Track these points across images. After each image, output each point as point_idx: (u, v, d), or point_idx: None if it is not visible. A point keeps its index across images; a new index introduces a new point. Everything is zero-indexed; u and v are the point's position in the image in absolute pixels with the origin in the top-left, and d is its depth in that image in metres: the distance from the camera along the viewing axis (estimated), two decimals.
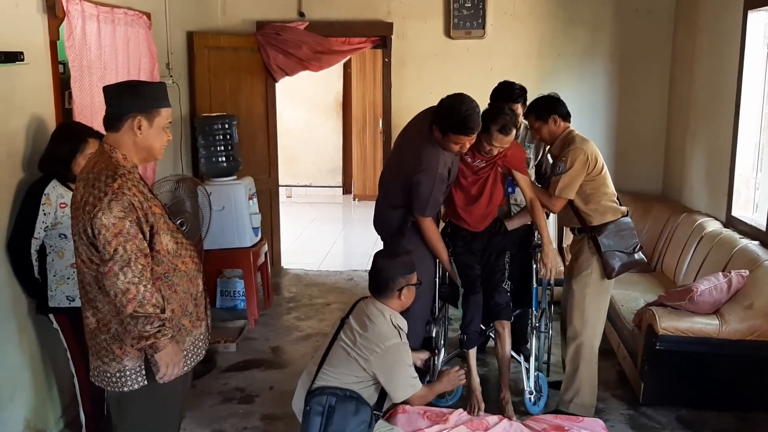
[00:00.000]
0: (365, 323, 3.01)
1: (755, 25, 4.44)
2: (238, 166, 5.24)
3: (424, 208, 3.57)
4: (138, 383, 2.47)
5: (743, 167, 4.59)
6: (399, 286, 3.07)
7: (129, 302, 2.29)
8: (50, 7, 3.53)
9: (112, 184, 2.29)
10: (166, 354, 2.40)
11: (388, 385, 2.98)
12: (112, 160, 2.38)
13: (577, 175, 3.60)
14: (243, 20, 6.08)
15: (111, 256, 2.28)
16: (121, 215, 2.28)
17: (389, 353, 2.96)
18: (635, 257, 3.73)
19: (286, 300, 5.84)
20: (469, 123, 3.36)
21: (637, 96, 6.00)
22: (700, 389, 3.85)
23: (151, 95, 2.45)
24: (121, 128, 2.40)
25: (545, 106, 3.73)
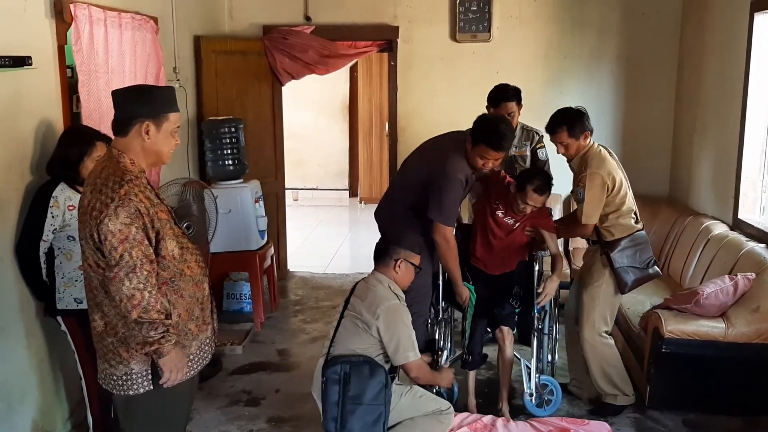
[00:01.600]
0: (365, 291, 3.10)
1: (762, 27, 4.43)
2: (245, 169, 5.26)
3: (442, 211, 3.57)
4: (144, 387, 2.48)
5: (750, 170, 4.58)
6: (397, 255, 3.16)
7: (134, 308, 2.31)
8: (58, 12, 3.55)
9: (119, 190, 2.31)
10: (171, 359, 2.42)
11: (389, 345, 3.02)
12: (119, 165, 2.39)
13: (598, 200, 3.62)
14: (250, 24, 6.11)
15: (117, 262, 2.29)
16: (128, 221, 2.29)
17: (389, 312, 3.03)
18: (649, 272, 3.76)
19: (292, 303, 5.86)
20: (502, 140, 3.49)
21: (644, 98, 6.00)
22: (707, 393, 3.84)
23: (160, 100, 2.47)
24: (129, 133, 2.42)
25: (577, 122, 3.67)
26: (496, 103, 4.18)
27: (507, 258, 3.96)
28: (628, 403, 3.86)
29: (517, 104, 4.19)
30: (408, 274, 3.21)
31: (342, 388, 2.94)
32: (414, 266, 3.23)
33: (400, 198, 3.84)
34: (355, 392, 2.93)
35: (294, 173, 9.23)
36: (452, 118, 4.37)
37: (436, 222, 3.60)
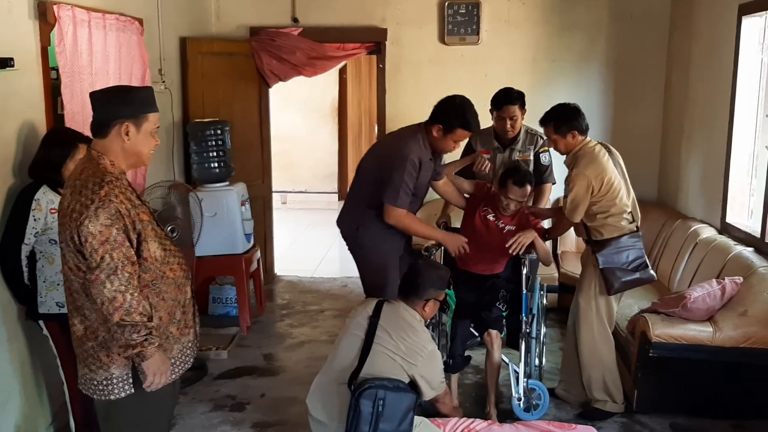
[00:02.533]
0: (403, 328, 3.04)
1: (749, 30, 4.44)
2: (231, 172, 5.23)
3: (396, 194, 3.56)
4: (125, 391, 2.45)
5: (738, 174, 4.59)
6: (428, 296, 3.12)
7: (116, 310, 2.28)
8: (42, 13, 3.51)
9: (99, 191, 2.28)
10: (153, 362, 2.38)
11: (425, 385, 3.04)
12: (99, 166, 2.37)
13: (581, 201, 3.63)
14: (237, 26, 6.08)
15: (98, 264, 2.27)
16: (108, 223, 2.27)
17: (432, 358, 3.05)
18: (637, 275, 3.73)
19: (279, 307, 5.82)
20: (476, 121, 3.60)
21: (632, 102, 6.00)
22: (695, 396, 3.84)
23: (139, 100, 2.44)
24: (109, 134, 2.39)
25: (565, 119, 3.70)
26: (499, 106, 4.18)
27: (493, 258, 3.97)
28: (617, 411, 3.85)
29: (520, 108, 4.20)
30: (433, 311, 3.20)
31: (375, 412, 2.86)
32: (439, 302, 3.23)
33: (357, 198, 3.80)
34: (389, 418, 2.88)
35: (283, 176, 9.19)
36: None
37: (386, 204, 3.59)
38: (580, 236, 3.96)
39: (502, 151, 4.29)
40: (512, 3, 5.95)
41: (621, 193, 3.70)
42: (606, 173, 3.64)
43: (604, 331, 3.81)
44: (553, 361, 4.57)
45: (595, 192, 3.62)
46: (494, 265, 4.01)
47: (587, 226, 3.74)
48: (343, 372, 2.99)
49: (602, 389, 3.83)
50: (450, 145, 3.63)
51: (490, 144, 4.32)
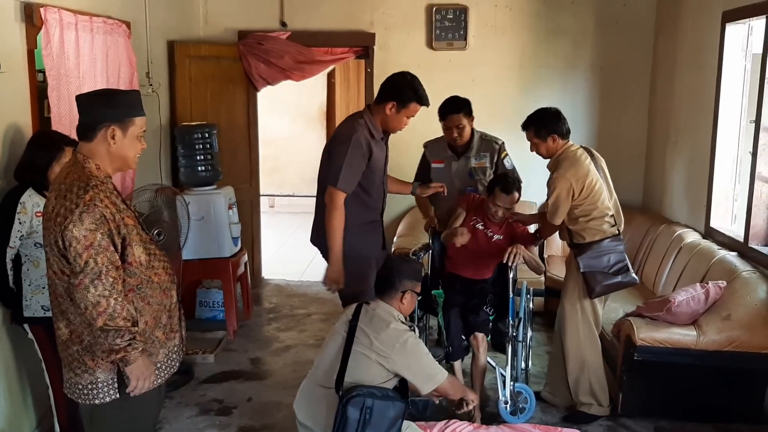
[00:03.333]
0: (378, 324, 3.00)
1: (733, 37, 4.49)
2: (218, 175, 5.22)
3: (337, 175, 3.49)
4: (110, 396, 2.44)
5: (722, 179, 4.63)
6: (404, 287, 3.08)
7: (99, 315, 2.27)
8: (28, 16, 3.50)
9: (84, 195, 2.27)
10: (137, 367, 2.38)
11: (414, 378, 2.97)
12: (85, 170, 2.36)
13: (561, 204, 3.66)
14: (225, 29, 6.07)
15: (82, 269, 2.26)
16: (93, 227, 2.26)
17: (407, 347, 2.96)
18: (619, 278, 3.74)
19: (266, 311, 5.81)
20: (426, 95, 3.60)
21: (618, 107, 6.05)
22: (679, 400, 3.86)
23: (125, 104, 2.44)
24: (95, 138, 2.38)
25: (545, 123, 3.71)
26: (444, 116, 4.11)
27: (482, 264, 4.01)
28: (602, 414, 3.87)
29: (466, 116, 4.10)
30: (412, 303, 3.17)
31: (362, 420, 2.84)
32: (417, 294, 3.19)
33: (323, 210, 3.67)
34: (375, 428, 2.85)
35: (270, 180, 9.18)
36: (428, 125, 4.35)
37: (328, 186, 3.53)
38: (564, 239, 3.97)
39: (456, 159, 4.24)
40: (499, 9, 5.98)
41: (603, 197, 3.72)
42: (587, 176, 3.66)
43: (590, 334, 3.83)
44: (540, 365, 4.59)
45: (576, 195, 3.64)
46: (483, 271, 4.05)
47: (569, 229, 3.77)
48: (327, 376, 2.99)
49: (588, 392, 3.86)
50: (402, 122, 3.62)
51: (444, 153, 4.27)
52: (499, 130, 4.48)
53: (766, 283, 3.87)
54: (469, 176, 4.22)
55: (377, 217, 3.83)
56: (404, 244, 5.38)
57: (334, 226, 3.55)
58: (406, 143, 4.87)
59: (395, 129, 3.68)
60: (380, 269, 3.23)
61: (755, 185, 4.10)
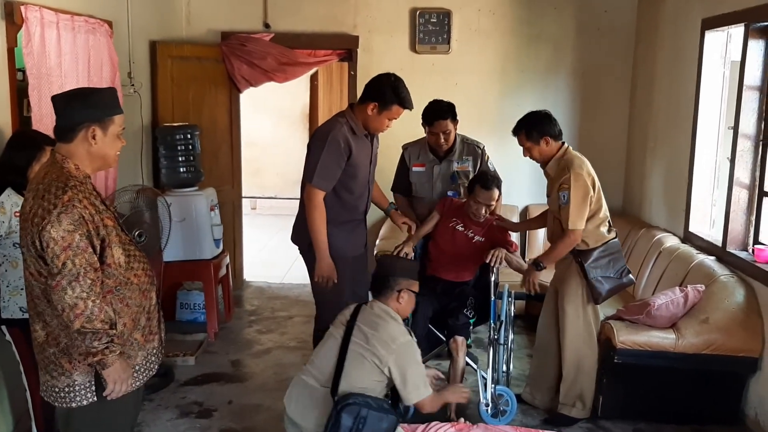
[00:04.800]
0: (375, 322, 2.98)
1: (712, 45, 4.55)
2: (200, 176, 5.20)
3: (312, 171, 3.54)
4: (87, 399, 2.41)
5: (701, 184, 4.69)
6: (399, 286, 3.06)
7: (77, 317, 2.24)
8: (8, 14, 3.47)
9: (62, 196, 2.24)
10: (114, 370, 2.35)
11: (402, 384, 2.93)
12: (63, 170, 2.32)
13: (583, 202, 3.56)
14: (208, 30, 6.04)
15: (59, 270, 2.22)
16: (71, 228, 2.23)
17: (402, 350, 2.94)
18: (623, 280, 3.77)
19: (247, 313, 5.79)
20: (409, 96, 3.57)
21: (598, 112, 6.10)
22: (658, 402, 3.90)
23: (104, 103, 2.39)
24: (75, 139, 2.35)
25: (536, 126, 3.65)
26: (431, 121, 4.09)
27: (462, 267, 4.03)
28: (583, 416, 3.89)
29: (452, 121, 4.09)
30: (410, 303, 3.14)
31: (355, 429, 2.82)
32: (414, 293, 3.17)
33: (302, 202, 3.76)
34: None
35: (252, 182, 9.15)
36: (410, 129, 4.37)
37: (306, 182, 3.58)
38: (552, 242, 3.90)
39: (438, 163, 4.23)
40: (482, 13, 6.01)
41: (603, 198, 3.72)
42: (593, 172, 3.66)
43: (590, 339, 3.81)
44: (521, 368, 4.61)
45: (592, 194, 3.59)
46: (463, 273, 4.06)
47: None
48: (322, 374, 2.97)
49: (576, 395, 3.85)
50: (384, 123, 3.59)
51: (425, 156, 4.26)
52: (481, 134, 4.51)
53: (743, 287, 3.93)
54: (451, 180, 4.23)
55: (360, 216, 3.84)
56: (386, 247, 5.39)
57: (315, 222, 3.58)
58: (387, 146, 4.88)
59: (376, 130, 3.67)
60: (375, 269, 3.21)
61: (733, 191, 4.15)
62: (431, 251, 4.15)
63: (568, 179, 3.54)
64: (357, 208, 3.79)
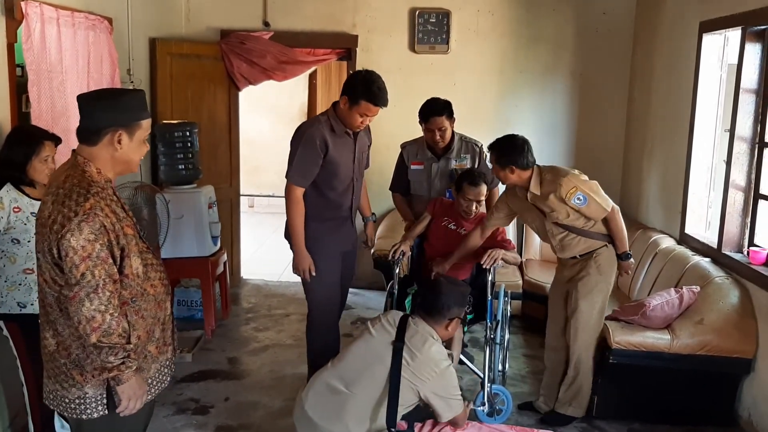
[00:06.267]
0: (419, 343, 2.99)
1: (710, 47, 4.57)
2: (198, 174, 5.20)
3: (289, 168, 3.63)
4: (98, 412, 2.31)
5: (697, 186, 4.71)
6: (452, 315, 3.10)
7: (93, 331, 2.14)
8: (8, 9, 3.47)
9: (84, 203, 2.14)
10: (129, 387, 2.25)
11: (440, 406, 2.99)
12: (85, 174, 2.22)
13: (597, 187, 3.65)
14: (207, 28, 6.05)
15: (78, 281, 2.12)
16: (92, 238, 2.13)
17: (444, 376, 2.98)
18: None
19: (244, 310, 5.80)
20: (382, 94, 3.53)
21: (596, 114, 6.12)
22: (652, 403, 3.92)
23: (132, 107, 2.29)
24: (99, 142, 2.24)
25: (505, 153, 3.63)
26: (426, 118, 4.12)
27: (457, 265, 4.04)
28: (578, 416, 3.90)
29: (448, 118, 4.11)
30: (455, 329, 3.18)
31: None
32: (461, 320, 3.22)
33: None
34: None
35: (250, 180, 9.15)
36: (408, 128, 4.39)
37: (287, 180, 3.65)
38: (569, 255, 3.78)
39: (436, 161, 4.25)
40: (481, 14, 6.03)
41: None
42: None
43: (594, 340, 3.82)
44: (516, 367, 4.63)
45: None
46: (459, 271, 4.07)
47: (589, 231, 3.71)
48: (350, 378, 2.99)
49: (574, 393, 3.85)
50: (356, 119, 3.57)
51: (423, 154, 4.29)
52: (479, 134, 4.52)
53: (737, 288, 3.95)
54: (449, 178, 4.25)
55: (344, 213, 3.85)
56: (383, 246, 5.40)
57: (291, 218, 3.68)
58: (387, 146, 4.90)
59: (351, 126, 3.64)
60: (428, 290, 3.19)
61: (729, 193, 4.17)
62: (427, 252, 4.17)
63: (569, 183, 3.56)
64: (341, 205, 3.81)
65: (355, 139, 3.76)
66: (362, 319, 5.60)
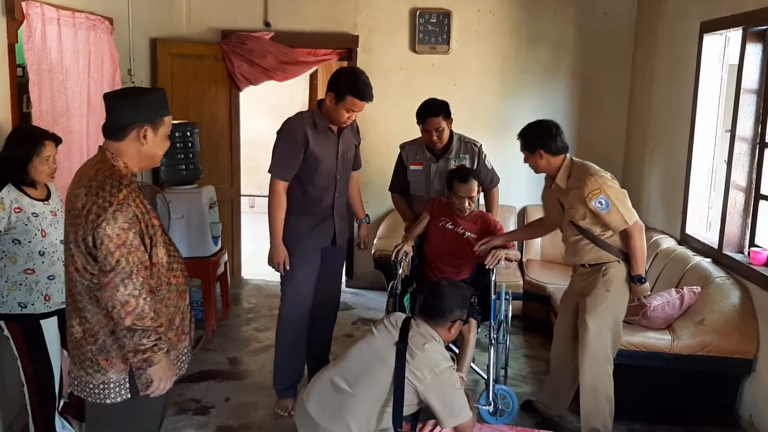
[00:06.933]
0: (420, 344, 3.00)
1: (710, 48, 4.57)
2: (199, 174, 5.20)
3: (271, 162, 3.71)
4: (121, 396, 2.41)
5: (697, 186, 4.71)
6: (454, 317, 3.11)
7: (128, 315, 2.26)
8: (9, 10, 3.47)
9: (118, 194, 2.26)
10: (161, 368, 2.36)
11: (442, 410, 2.96)
12: (115, 168, 2.35)
13: (625, 197, 3.40)
14: (208, 28, 6.05)
15: (113, 267, 2.24)
16: (126, 226, 2.25)
17: (443, 377, 2.97)
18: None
19: (245, 311, 5.80)
20: (367, 89, 3.57)
21: (596, 114, 6.11)
22: (653, 403, 3.92)
23: (156, 104, 2.43)
24: (126, 137, 2.37)
25: (534, 138, 3.50)
26: (423, 119, 4.11)
27: (458, 262, 4.05)
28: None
29: (445, 118, 4.10)
30: (457, 331, 3.19)
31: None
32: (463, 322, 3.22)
33: None
34: None
35: (250, 180, 9.13)
36: (408, 129, 4.38)
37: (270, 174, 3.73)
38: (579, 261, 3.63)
39: (435, 161, 4.24)
40: (482, 14, 6.03)
41: None
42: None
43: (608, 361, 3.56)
44: (517, 368, 4.63)
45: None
46: (460, 272, 4.07)
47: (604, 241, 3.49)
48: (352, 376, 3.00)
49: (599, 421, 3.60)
50: (342, 114, 3.60)
51: (423, 155, 4.28)
52: (480, 134, 4.52)
53: (738, 289, 3.95)
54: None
55: (325, 210, 3.86)
56: (385, 246, 5.40)
57: (270, 211, 3.78)
58: (387, 146, 4.91)
59: (337, 122, 3.68)
60: (430, 293, 3.18)
61: (730, 193, 4.17)
62: (426, 253, 4.17)
63: (594, 183, 3.35)
64: (322, 201, 3.83)
65: (339, 137, 3.77)
66: (363, 320, 5.59)
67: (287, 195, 3.76)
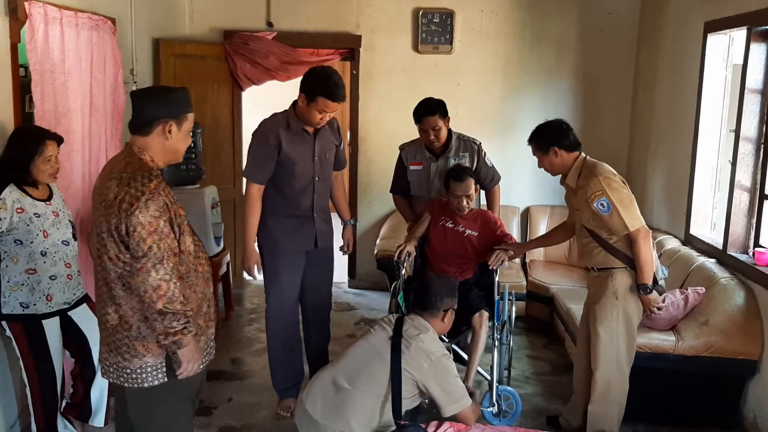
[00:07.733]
0: (415, 335, 3.08)
1: (714, 48, 4.55)
2: (201, 174, 5.20)
3: (246, 166, 3.74)
4: (158, 379, 2.53)
5: (701, 187, 4.69)
6: (445, 306, 3.19)
7: (159, 298, 2.38)
8: (12, 10, 3.47)
9: (149, 184, 2.38)
10: (189, 350, 2.48)
11: (440, 395, 3.02)
12: (143, 161, 2.48)
13: (630, 199, 3.31)
14: (210, 28, 6.05)
15: (145, 253, 2.35)
16: (157, 214, 2.37)
17: (439, 365, 3.03)
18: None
19: (247, 311, 5.79)
20: (340, 90, 3.52)
21: (600, 114, 6.10)
22: (657, 404, 3.90)
23: (180, 101, 2.56)
24: (151, 133, 2.51)
25: (546, 136, 3.44)
26: (419, 118, 4.10)
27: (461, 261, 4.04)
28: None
29: (441, 117, 4.08)
30: (451, 320, 3.25)
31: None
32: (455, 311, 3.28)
33: None
34: None
35: None
36: (411, 129, 4.36)
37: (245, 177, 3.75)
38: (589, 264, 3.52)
39: (435, 161, 4.23)
40: (485, 14, 6.02)
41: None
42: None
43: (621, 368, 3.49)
44: (520, 369, 4.62)
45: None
46: (463, 272, 4.05)
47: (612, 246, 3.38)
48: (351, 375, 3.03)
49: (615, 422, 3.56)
50: (315, 116, 3.56)
51: (421, 155, 4.27)
52: (483, 134, 4.52)
53: (743, 289, 3.93)
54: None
55: (305, 213, 3.83)
56: (387, 247, 5.40)
57: (245, 213, 3.76)
58: (388, 146, 4.90)
59: (311, 123, 3.64)
60: (420, 287, 3.26)
61: (734, 194, 4.15)
62: (428, 253, 4.16)
63: (598, 184, 3.26)
64: (299, 203, 3.80)
65: (315, 138, 3.74)
66: (366, 320, 5.58)
67: (266, 197, 3.75)
